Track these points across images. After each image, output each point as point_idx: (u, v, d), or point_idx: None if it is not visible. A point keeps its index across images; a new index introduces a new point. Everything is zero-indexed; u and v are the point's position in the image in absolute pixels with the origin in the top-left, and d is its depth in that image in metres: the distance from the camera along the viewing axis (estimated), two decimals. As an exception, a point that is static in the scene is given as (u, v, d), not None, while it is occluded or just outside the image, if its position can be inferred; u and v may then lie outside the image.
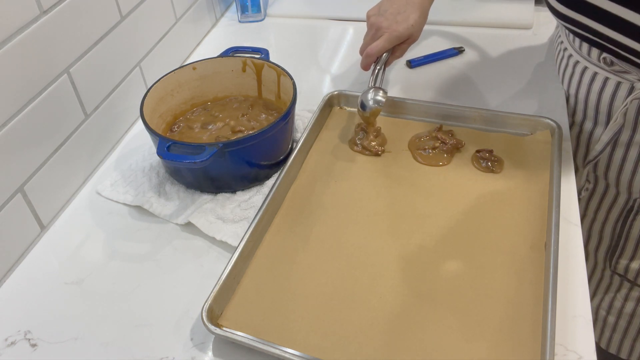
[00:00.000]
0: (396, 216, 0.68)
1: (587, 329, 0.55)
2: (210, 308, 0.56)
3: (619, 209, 0.84)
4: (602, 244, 0.89)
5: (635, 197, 0.80)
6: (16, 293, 0.64)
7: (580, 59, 0.79)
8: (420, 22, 0.79)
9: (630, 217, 0.82)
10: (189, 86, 0.82)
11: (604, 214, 0.86)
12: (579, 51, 0.79)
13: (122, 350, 0.57)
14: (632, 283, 0.88)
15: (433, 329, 0.56)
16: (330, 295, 0.59)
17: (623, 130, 0.76)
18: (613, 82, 0.74)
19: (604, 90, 0.76)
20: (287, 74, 0.77)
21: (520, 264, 0.61)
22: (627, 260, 0.86)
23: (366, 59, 0.79)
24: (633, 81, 0.71)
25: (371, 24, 0.81)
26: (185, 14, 1.01)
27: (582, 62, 0.79)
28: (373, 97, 0.76)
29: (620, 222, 0.84)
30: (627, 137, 0.76)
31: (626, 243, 0.85)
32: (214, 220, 0.69)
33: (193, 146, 0.66)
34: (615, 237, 0.86)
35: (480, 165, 0.74)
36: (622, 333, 0.95)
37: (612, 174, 0.81)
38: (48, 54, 0.67)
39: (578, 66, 0.80)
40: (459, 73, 0.93)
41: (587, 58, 0.77)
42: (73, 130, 0.74)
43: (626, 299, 0.91)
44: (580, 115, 0.82)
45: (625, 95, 0.73)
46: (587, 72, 0.78)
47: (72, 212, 0.74)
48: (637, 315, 0.91)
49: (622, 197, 0.82)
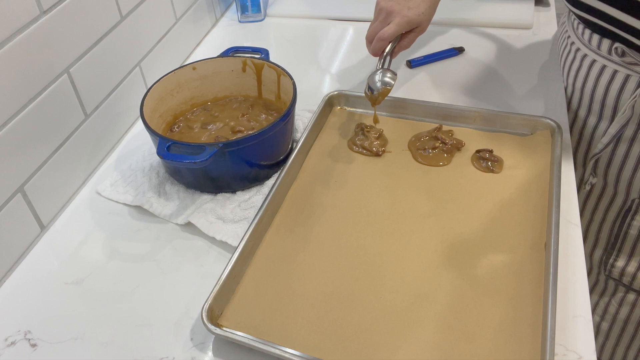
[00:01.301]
0: (396, 216, 0.68)
1: (587, 329, 0.55)
2: (210, 308, 0.56)
3: (617, 209, 0.84)
4: (599, 246, 0.89)
5: (633, 197, 0.80)
6: (16, 293, 0.64)
7: (588, 52, 0.79)
8: (430, 12, 0.79)
9: (628, 218, 0.82)
10: (189, 86, 0.82)
11: (601, 214, 0.86)
12: (587, 44, 0.78)
13: (122, 350, 0.57)
14: (627, 287, 0.88)
15: (433, 328, 0.56)
16: (330, 295, 0.59)
17: (629, 125, 0.76)
18: (622, 75, 0.74)
19: (612, 83, 0.76)
20: (287, 74, 0.77)
21: (520, 264, 0.61)
22: (623, 263, 0.86)
23: (378, 43, 0.78)
24: None
25: (381, 8, 0.79)
26: (185, 14, 1.01)
27: (590, 55, 0.78)
28: (381, 78, 0.75)
29: (617, 223, 0.84)
30: (632, 131, 0.76)
31: (623, 245, 0.85)
32: (214, 220, 0.69)
33: (193, 146, 0.66)
34: (612, 239, 0.86)
35: (480, 165, 0.74)
36: (615, 340, 0.95)
37: (613, 172, 0.80)
38: (48, 54, 0.67)
39: (586, 59, 0.79)
40: (459, 73, 0.93)
41: (596, 51, 0.77)
42: (73, 130, 0.74)
43: (621, 304, 0.90)
44: (584, 111, 0.82)
45: (634, 88, 0.73)
46: (595, 65, 0.78)
47: (72, 212, 0.74)
48: (631, 322, 0.91)
49: (620, 198, 0.82)
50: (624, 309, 0.90)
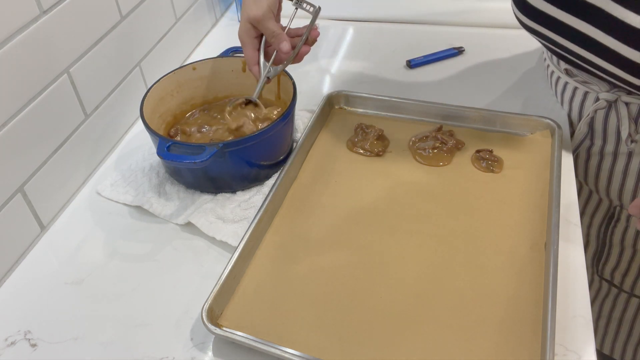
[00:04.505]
0: (396, 216, 0.68)
1: (587, 328, 0.55)
2: (210, 308, 0.56)
3: (602, 214, 0.84)
4: (589, 249, 0.89)
5: (615, 204, 0.80)
6: (16, 293, 0.64)
7: (554, 69, 0.80)
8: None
9: (612, 224, 0.82)
10: (189, 86, 0.82)
11: (588, 219, 0.86)
12: (550, 60, 0.80)
13: (122, 350, 0.57)
14: (618, 289, 0.88)
15: (433, 328, 0.56)
16: (330, 295, 0.59)
17: (595, 141, 0.76)
18: (581, 92, 0.75)
19: (573, 99, 0.77)
20: (287, 74, 0.77)
21: (520, 264, 0.61)
22: (612, 266, 0.86)
23: None
24: (597, 92, 0.72)
25: None
26: (185, 14, 1.01)
27: (555, 72, 0.80)
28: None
29: (603, 228, 0.84)
30: (598, 147, 0.76)
31: (610, 250, 0.85)
32: (214, 220, 0.69)
33: (193, 146, 0.66)
34: (600, 243, 0.86)
35: (480, 165, 0.74)
36: (613, 335, 0.95)
37: (591, 180, 0.81)
38: (48, 54, 0.67)
39: (553, 76, 0.81)
40: (459, 73, 0.93)
41: (558, 67, 0.78)
42: (73, 130, 0.74)
43: (614, 304, 0.91)
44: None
45: (591, 105, 0.74)
46: (560, 81, 0.79)
47: (72, 212, 0.74)
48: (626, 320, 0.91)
49: (604, 203, 0.82)
50: (618, 308, 0.90)
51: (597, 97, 0.72)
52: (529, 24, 0.69)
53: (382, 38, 1.05)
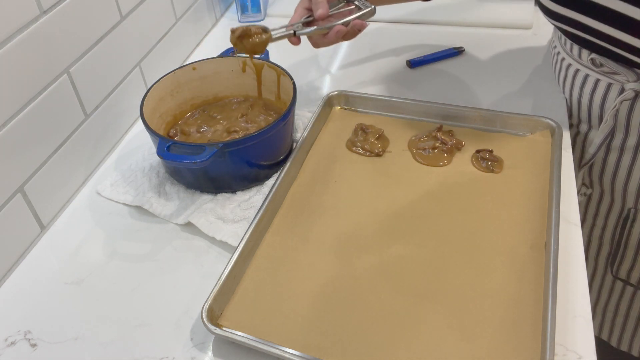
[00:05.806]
0: (396, 216, 0.68)
1: (587, 329, 0.55)
2: (210, 308, 0.56)
3: (616, 216, 0.83)
4: (603, 249, 0.88)
5: (629, 206, 0.80)
6: (16, 293, 0.64)
7: (572, 61, 0.79)
8: None
9: (628, 225, 0.82)
10: (189, 86, 0.82)
11: (602, 220, 0.86)
12: (570, 53, 0.79)
13: (122, 350, 0.57)
14: (635, 287, 0.88)
15: (433, 328, 0.56)
16: (330, 295, 0.59)
17: (616, 134, 0.76)
18: (604, 84, 0.74)
19: (595, 92, 0.76)
20: (287, 74, 0.77)
21: (520, 264, 0.61)
22: (628, 266, 0.86)
23: None
24: (623, 82, 0.71)
25: None
26: (185, 14, 1.01)
27: (574, 64, 0.79)
28: None
29: (618, 230, 0.84)
30: (619, 141, 0.76)
31: (625, 251, 0.85)
32: (214, 220, 0.69)
33: (193, 146, 0.66)
34: (614, 244, 0.86)
35: (480, 165, 0.74)
36: (631, 331, 0.94)
37: (607, 180, 0.80)
38: (48, 54, 0.67)
39: (570, 69, 0.80)
40: (459, 73, 0.93)
41: (579, 60, 0.77)
42: (73, 130, 0.74)
43: (631, 303, 0.90)
44: (576, 118, 0.82)
45: (615, 97, 0.73)
46: (579, 74, 0.78)
47: (72, 212, 0.74)
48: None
49: (617, 205, 0.82)
50: (636, 305, 0.90)
51: (622, 88, 0.71)
52: (559, 11, 0.68)
53: (382, 38, 1.05)
